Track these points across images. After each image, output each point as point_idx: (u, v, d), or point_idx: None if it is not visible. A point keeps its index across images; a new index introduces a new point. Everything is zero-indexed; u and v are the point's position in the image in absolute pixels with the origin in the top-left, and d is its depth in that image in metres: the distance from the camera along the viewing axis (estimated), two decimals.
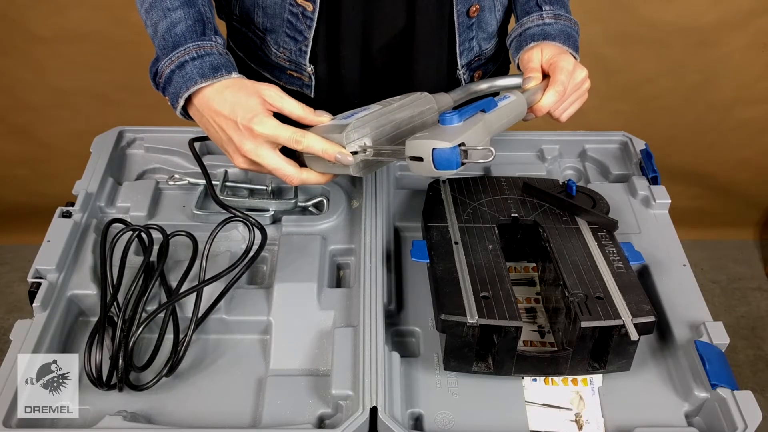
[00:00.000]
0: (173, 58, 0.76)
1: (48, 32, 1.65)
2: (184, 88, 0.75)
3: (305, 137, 0.72)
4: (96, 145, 0.97)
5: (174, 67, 0.75)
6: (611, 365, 0.72)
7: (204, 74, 0.74)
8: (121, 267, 0.79)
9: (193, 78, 0.74)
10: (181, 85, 0.75)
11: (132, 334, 0.71)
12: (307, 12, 0.85)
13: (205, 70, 0.75)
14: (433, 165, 0.66)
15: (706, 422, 0.71)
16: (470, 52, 0.93)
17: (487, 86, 0.87)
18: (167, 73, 0.76)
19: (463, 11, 0.88)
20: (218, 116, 0.74)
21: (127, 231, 0.81)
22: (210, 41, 0.77)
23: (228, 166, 0.95)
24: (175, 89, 0.76)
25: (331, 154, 0.71)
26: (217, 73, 0.75)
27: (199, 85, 0.74)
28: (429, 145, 0.66)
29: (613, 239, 0.80)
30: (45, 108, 1.81)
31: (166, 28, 0.77)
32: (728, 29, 1.69)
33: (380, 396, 0.67)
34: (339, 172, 0.76)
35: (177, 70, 0.75)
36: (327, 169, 0.76)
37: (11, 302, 2.01)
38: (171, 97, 0.77)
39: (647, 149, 0.98)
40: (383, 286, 0.78)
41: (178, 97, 0.75)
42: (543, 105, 0.81)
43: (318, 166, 0.76)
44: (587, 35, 1.65)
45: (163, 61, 0.76)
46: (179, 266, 0.81)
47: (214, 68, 0.75)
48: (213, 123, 0.75)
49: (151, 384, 0.71)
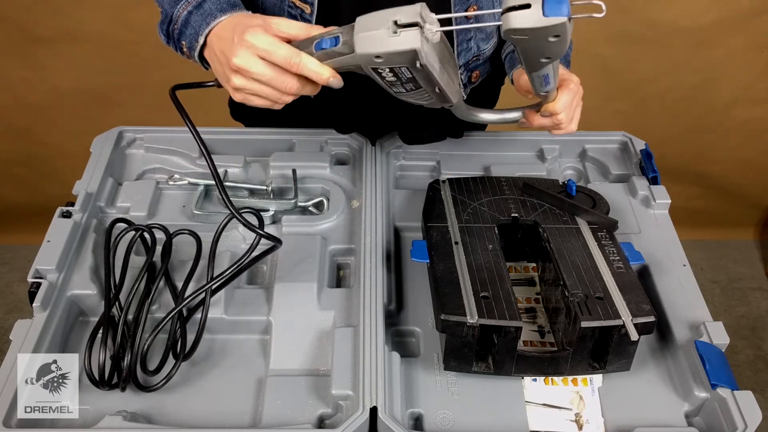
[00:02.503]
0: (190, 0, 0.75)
1: (48, 32, 1.65)
2: (204, 25, 0.74)
3: (300, 56, 0.69)
4: (96, 145, 0.97)
5: (191, 8, 0.75)
6: (611, 365, 0.72)
7: (222, 9, 0.74)
8: (124, 266, 0.79)
9: (212, 13, 0.74)
10: (200, 23, 0.74)
11: (144, 340, 0.71)
12: (305, 14, 0.85)
13: (223, 5, 0.74)
14: (542, 8, 0.59)
15: (706, 422, 0.71)
16: (468, 52, 0.93)
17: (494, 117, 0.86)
18: (184, 15, 0.75)
19: (461, 12, 0.88)
20: (220, 41, 0.72)
21: (130, 230, 0.81)
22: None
23: (228, 166, 0.95)
24: (193, 29, 0.75)
25: (325, 78, 0.70)
26: (235, 7, 0.75)
27: (219, 19, 0.73)
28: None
29: (613, 239, 0.80)
30: (45, 108, 1.81)
31: None
32: (728, 29, 1.68)
33: (380, 396, 0.67)
34: (341, 66, 0.70)
35: (195, 11, 0.75)
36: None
37: (11, 302, 2.01)
38: (189, 40, 0.76)
39: (647, 149, 0.98)
40: (383, 286, 0.78)
41: (197, 36, 0.74)
42: (558, 105, 0.79)
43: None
44: (587, 35, 1.65)
45: (179, 5, 0.76)
46: (182, 266, 0.81)
47: (232, 4, 0.75)
48: (216, 51, 0.73)
49: (161, 384, 0.71)
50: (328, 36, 0.69)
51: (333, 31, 0.70)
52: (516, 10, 0.60)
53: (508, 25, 0.60)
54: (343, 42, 0.68)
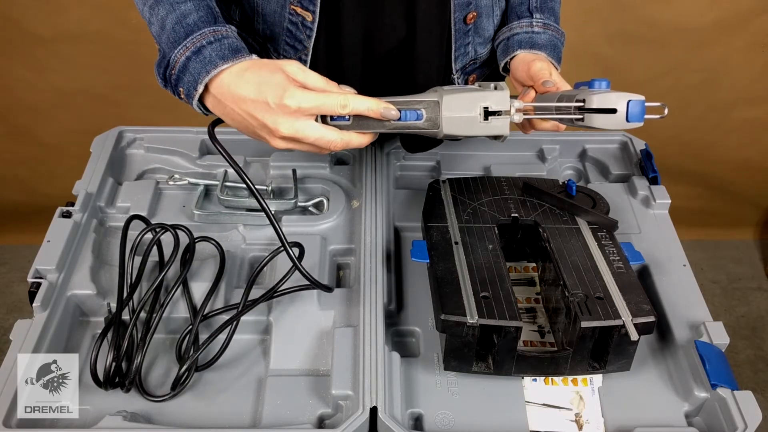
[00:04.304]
0: (188, 44, 0.71)
1: (48, 32, 1.65)
2: (204, 73, 0.70)
3: (349, 99, 0.69)
4: (96, 145, 0.97)
5: (190, 53, 0.71)
6: (611, 365, 0.72)
7: (224, 56, 0.70)
8: (142, 266, 0.79)
9: (213, 61, 0.70)
10: (200, 71, 0.70)
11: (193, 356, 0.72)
12: (306, 22, 0.84)
13: (225, 52, 0.70)
14: (626, 116, 0.68)
15: (706, 422, 0.71)
16: (465, 56, 0.93)
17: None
18: (182, 61, 0.71)
19: (461, 18, 0.88)
20: (244, 102, 0.69)
21: (153, 229, 0.79)
22: (225, 27, 0.73)
23: (227, 166, 0.95)
24: (192, 77, 0.71)
25: (378, 111, 0.69)
26: (238, 54, 0.70)
27: (220, 68, 0.69)
28: (624, 97, 0.68)
29: (613, 239, 0.80)
30: (45, 108, 1.81)
31: (176, 20, 0.73)
32: (728, 29, 1.68)
33: (380, 396, 0.67)
34: (378, 130, 0.73)
35: (193, 56, 0.71)
36: (366, 128, 0.73)
37: (11, 302, 2.01)
38: (187, 87, 0.71)
39: (647, 149, 0.98)
40: (383, 286, 0.78)
41: (196, 84, 0.70)
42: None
43: (359, 127, 0.73)
44: (587, 35, 1.65)
45: (177, 50, 0.72)
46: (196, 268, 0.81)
47: (234, 50, 0.71)
48: (238, 110, 0.70)
49: (168, 398, 0.71)
50: (409, 109, 0.72)
51: (411, 103, 0.72)
52: (601, 112, 0.68)
53: (590, 123, 0.69)
54: (426, 118, 0.72)
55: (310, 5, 0.82)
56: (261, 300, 0.76)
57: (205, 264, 0.82)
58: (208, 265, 0.82)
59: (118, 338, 0.72)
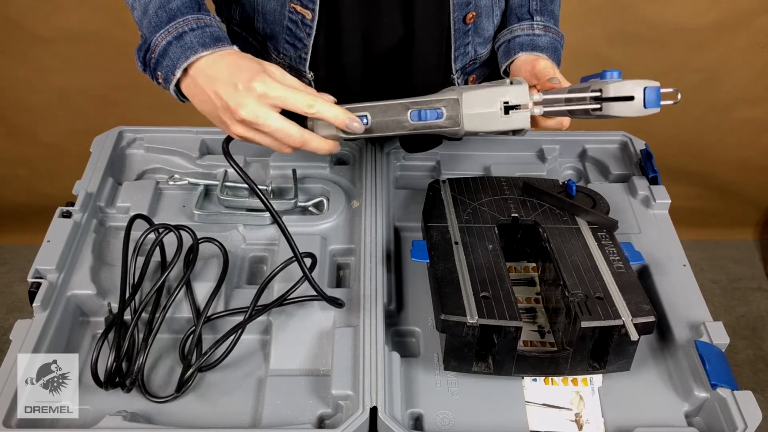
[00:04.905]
0: (170, 29, 0.71)
1: (48, 32, 1.65)
2: (183, 58, 0.70)
3: (317, 101, 0.68)
4: (96, 145, 0.97)
5: (171, 38, 0.70)
6: (611, 365, 0.72)
7: (205, 44, 0.70)
8: (145, 266, 0.78)
9: (193, 47, 0.69)
10: (179, 56, 0.70)
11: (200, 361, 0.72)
12: (306, 20, 0.85)
13: (206, 39, 0.70)
14: (644, 103, 0.68)
15: (706, 422, 0.71)
16: (465, 56, 0.93)
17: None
18: (163, 45, 0.71)
19: (460, 18, 0.88)
20: (215, 82, 0.68)
21: (157, 229, 0.79)
22: (209, 15, 0.72)
23: (228, 166, 0.95)
24: (171, 61, 0.70)
25: (342, 121, 0.69)
26: (219, 42, 0.70)
27: (200, 54, 0.69)
28: (640, 85, 0.68)
29: (613, 239, 0.80)
30: (45, 108, 1.81)
31: (158, 4, 0.73)
32: (728, 29, 1.68)
33: (380, 396, 0.67)
34: (398, 132, 0.73)
35: (174, 42, 0.70)
36: (332, 134, 0.72)
37: (11, 302, 2.01)
38: (165, 71, 0.71)
39: (647, 149, 0.98)
40: (383, 286, 0.78)
41: (174, 69, 0.70)
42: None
43: (324, 132, 0.72)
44: (587, 35, 1.65)
45: (158, 34, 0.71)
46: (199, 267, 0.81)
47: (216, 38, 0.71)
48: (207, 90, 0.69)
49: (170, 399, 0.71)
50: (429, 108, 0.72)
51: (431, 103, 0.72)
52: (619, 101, 0.68)
53: (608, 112, 0.70)
54: (447, 117, 0.72)
55: (310, 3, 0.82)
56: (270, 307, 0.75)
57: (207, 264, 0.82)
58: (209, 265, 0.82)
59: (119, 338, 0.72)
